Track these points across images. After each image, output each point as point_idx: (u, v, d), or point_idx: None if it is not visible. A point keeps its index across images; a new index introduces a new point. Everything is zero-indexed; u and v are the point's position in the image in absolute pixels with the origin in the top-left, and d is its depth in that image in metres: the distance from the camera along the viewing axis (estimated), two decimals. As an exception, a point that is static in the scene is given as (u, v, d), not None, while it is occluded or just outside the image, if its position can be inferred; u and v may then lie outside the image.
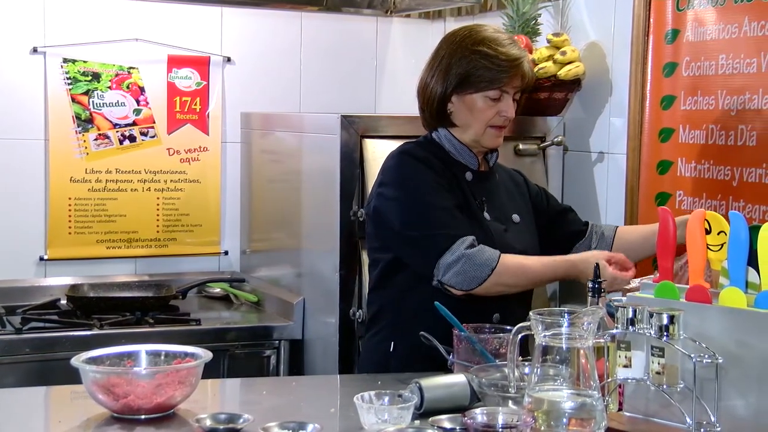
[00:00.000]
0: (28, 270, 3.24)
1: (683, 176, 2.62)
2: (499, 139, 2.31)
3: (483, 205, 2.28)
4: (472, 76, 2.23)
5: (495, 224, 2.27)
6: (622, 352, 1.73)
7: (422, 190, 2.21)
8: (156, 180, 3.37)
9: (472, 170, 2.30)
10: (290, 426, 1.64)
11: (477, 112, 2.26)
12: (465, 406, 1.77)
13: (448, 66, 2.26)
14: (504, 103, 2.25)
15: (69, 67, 3.24)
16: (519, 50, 2.27)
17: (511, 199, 2.38)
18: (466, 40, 2.26)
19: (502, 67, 2.22)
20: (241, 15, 3.48)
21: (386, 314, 2.29)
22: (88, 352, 1.84)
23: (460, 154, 2.30)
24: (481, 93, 2.24)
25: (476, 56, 2.23)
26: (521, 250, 2.26)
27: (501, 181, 2.39)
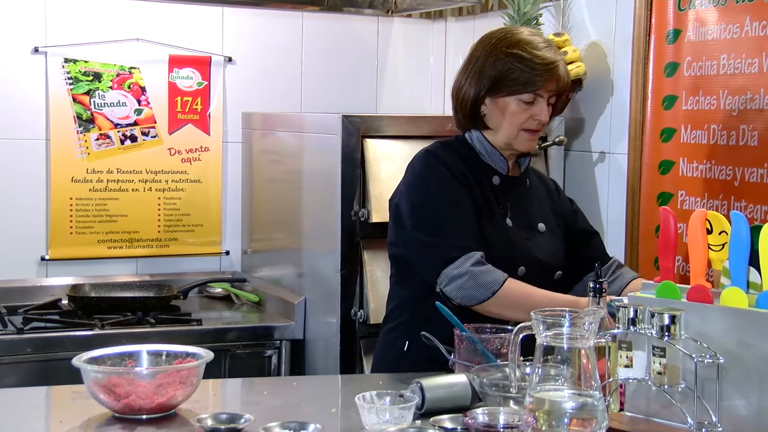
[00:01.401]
0: (29, 270, 3.24)
1: (685, 176, 2.62)
2: (533, 143, 2.27)
3: (507, 211, 2.25)
4: (506, 79, 2.21)
5: (517, 231, 2.24)
6: (623, 352, 1.73)
7: (441, 195, 2.19)
8: (157, 180, 3.38)
9: (500, 174, 2.27)
10: (291, 426, 1.64)
11: (510, 116, 2.22)
12: (466, 406, 1.77)
13: (482, 68, 2.23)
14: (538, 107, 2.22)
15: (70, 67, 3.24)
16: (554, 54, 2.23)
17: (539, 207, 2.34)
18: (501, 42, 2.23)
19: (536, 71, 2.19)
20: (242, 15, 3.48)
21: (403, 313, 2.27)
22: (89, 352, 1.83)
23: (491, 157, 2.27)
24: (514, 96, 2.21)
25: (510, 59, 2.20)
26: (542, 260, 2.24)
27: (532, 188, 2.35)
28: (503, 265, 2.15)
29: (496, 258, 2.16)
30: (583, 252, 2.35)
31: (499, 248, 2.18)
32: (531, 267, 2.22)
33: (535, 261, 2.22)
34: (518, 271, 2.19)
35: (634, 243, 2.77)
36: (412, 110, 3.63)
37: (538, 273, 2.22)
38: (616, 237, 2.86)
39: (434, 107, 3.74)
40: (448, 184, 2.20)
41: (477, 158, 2.27)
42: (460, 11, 3.62)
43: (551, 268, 2.28)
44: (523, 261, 2.20)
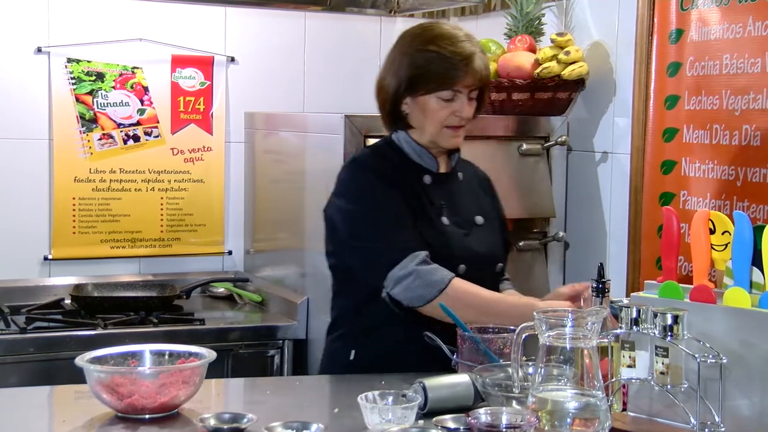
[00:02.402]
0: (32, 270, 3.24)
1: (687, 176, 2.62)
2: (457, 139, 2.23)
3: (441, 210, 2.20)
4: (423, 78, 2.16)
5: (454, 229, 2.20)
6: (626, 352, 1.73)
7: (372, 201, 2.15)
8: (160, 180, 3.38)
9: (431, 173, 2.23)
10: (294, 426, 1.64)
11: (431, 114, 2.18)
12: (469, 406, 1.77)
13: (399, 66, 2.19)
14: (458, 103, 2.17)
15: (73, 66, 3.25)
16: (472, 46, 2.17)
17: (475, 200, 2.31)
18: (416, 39, 2.19)
19: (451, 67, 2.14)
20: (245, 15, 3.48)
21: (345, 322, 2.24)
22: (92, 351, 1.84)
23: (420, 157, 2.23)
24: (433, 94, 2.16)
25: (425, 56, 2.16)
26: (483, 253, 2.21)
27: (466, 181, 2.31)
28: (443, 265, 2.11)
29: (434, 259, 2.12)
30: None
31: (437, 249, 2.13)
32: (472, 263, 2.17)
33: (476, 256, 2.18)
34: (459, 269, 2.14)
35: (636, 243, 2.77)
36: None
37: (479, 268, 2.18)
38: (619, 237, 2.86)
39: (437, 107, 3.74)
40: (377, 189, 2.16)
41: (406, 159, 2.23)
42: (463, 11, 3.62)
43: (492, 261, 2.25)
44: (462, 259, 2.16)
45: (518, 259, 3.00)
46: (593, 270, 2.00)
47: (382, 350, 2.15)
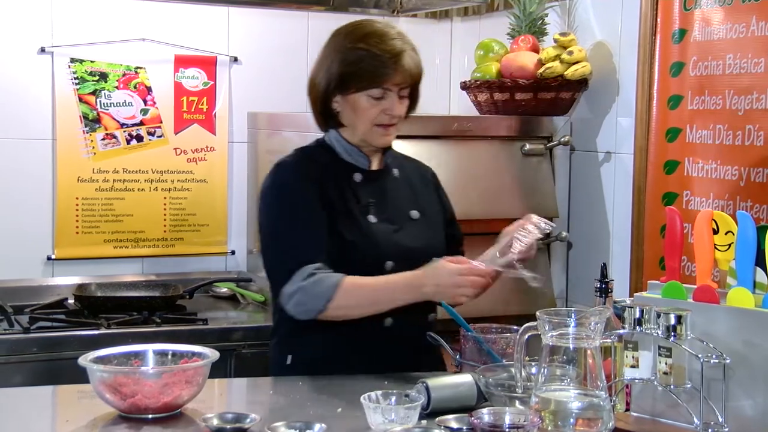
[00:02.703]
0: (35, 269, 3.24)
1: (690, 176, 2.62)
2: (388, 137, 2.21)
3: (369, 208, 2.19)
4: (352, 75, 2.14)
5: (382, 225, 2.18)
6: (629, 352, 1.73)
7: (281, 212, 2.15)
8: (163, 180, 3.38)
9: (362, 171, 2.22)
10: (297, 426, 1.65)
11: (361, 112, 2.16)
12: (472, 406, 1.77)
13: (330, 64, 2.17)
14: (388, 102, 2.15)
15: (76, 66, 3.25)
16: (402, 44, 2.16)
17: (412, 195, 2.28)
18: (347, 37, 2.18)
19: (380, 65, 2.12)
20: (248, 15, 3.48)
21: (281, 327, 2.23)
22: (95, 351, 1.84)
23: (350, 155, 2.22)
24: (363, 92, 2.14)
25: (355, 54, 2.14)
26: (415, 248, 2.17)
27: (403, 177, 2.29)
28: (369, 262, 2.12)
29: (360, 257, 2.13)
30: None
31: (362, 247, 2.14)
32: (400, 259, 2.14)
33: (405, 252, 2.15)
34: (386, 266, 2.13)
35: (639, 243, 2.77)
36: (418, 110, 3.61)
37: (410, 263, 2.13)
38: (622, 237, 2.86)
39: (440, 107, 3.74)
40: (289, 198, 2.16)
41: (337, 159, 2.22)
42: (466, 11, 3.62)
43: (427, 256, 2.17)
44: (389, 255, 2.14)
45: (521, 259, 2.99)
46: (596, 270, 2.00)
47: (316, 355, 2.16)
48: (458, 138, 2.95)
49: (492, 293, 2.92)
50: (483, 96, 3.05)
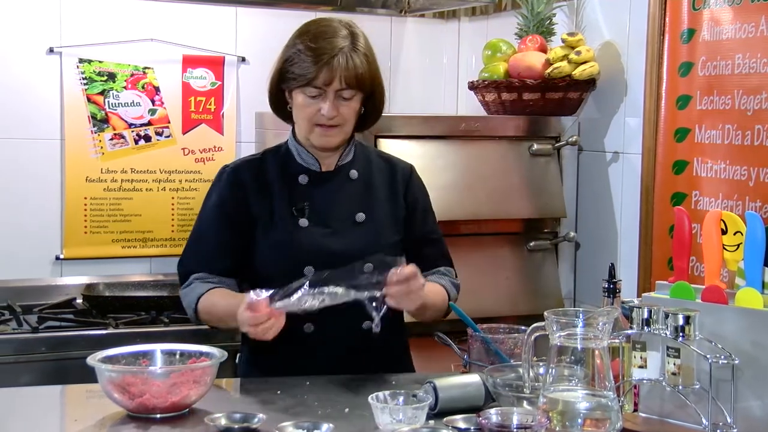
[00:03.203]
0: (44, 269, 3.25)
1: (699, 176, 2.61)
2: (329, 138, 2.14)
3: (304, 211, 2.14)
4: (286, 72, 2.12)
5: (315, 229, 2.13)
6: (637, 352, 1.73)
7: (201, 217, 2.22)
8: (171, 180, 3.38)
9: (310, 172, 2.18)
10: (304, 426, 1.65)
11: (298, 109, 2.13)
12: (480, 406, 1.77)
13: (278, 59, 2.17)
14: (322, 102, 2.08)
15: (85, 67, 3.26)
16: (341, 43, 2.07)
17: (364, 198, 2.19)
18: (295, 32, 2.16)
19: (308, 63, 2.07)
20: (256, 15, 3.48)
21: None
22: (103, 351, 1.84)
23: (300, 156, 2.19)
24: (299, 89, 2.10)
25: (290, 51, 2.12)
26: (344, 252, 2.08)
27: (360, 179, 2.20)
28: (290, 266, 2.08)
29: (282, 260, 2.11)
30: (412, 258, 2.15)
31: (283, 251, 2.12)
32: (323, 263, 2.05)
33: (330, 257, 2.08)
34: (305, 270, 2.07)
35: (647, 243, 2.76)
36: (426, 110, 3.62)
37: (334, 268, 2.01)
38: (630, 237, 2.86)
39: (447, 107, 3.74)
40: (203, 208, 2.23)
41: (289, 158, 2.19)
42: (474, 11, 3.62)
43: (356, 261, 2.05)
44: (311, 260, 2.09)
45: (529, 259, 3.00)
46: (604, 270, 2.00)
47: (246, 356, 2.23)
48: (466, 138, 2.94)
49: (500, 293, 2.94)
50: (491, 96, 3.05)
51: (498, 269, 2.95)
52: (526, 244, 3.00)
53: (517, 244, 2.99)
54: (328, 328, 2.09)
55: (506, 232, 3.01)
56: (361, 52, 2.10)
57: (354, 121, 2.16)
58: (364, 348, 2.09)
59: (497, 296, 2.92)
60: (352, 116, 2.14)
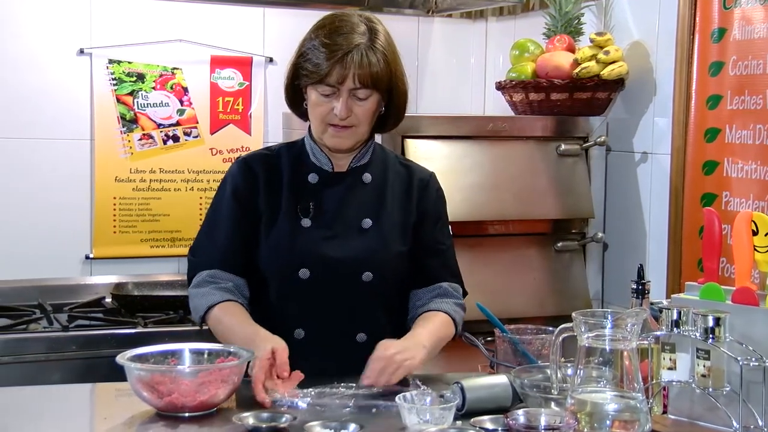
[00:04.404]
0: (74, 268, 3.28)
1: (730, 177, 2.59)
2: (342, 140, 2.05)
3: (308, 211, 2.07)
4: (299, 68, 2.04)
5: (316, 231, 2.06)
6: (666, 354, 1.72)
7: (215, 207, 2.16)
8: (199, 180, 3.40)
9: (322, 171, 2.11)
10: (332, 425, 1.65)
11: (311, 107, 2.05)
12: (507, 407, 1.77)
13: (294, 53, 2.08)
14: (335, 100, 2.00)
15: (114, 68, 3.28)
16: (356, 40, 1.98)
17: (374, 204, 2.11)
18: (313, 26, 2.07)
19: (321, 60, 1.98)
20: (283, 15, 3.49)
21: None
22: (132, 349, 1.85)
23: (314, 155, 2.12)
24: (312, 86, 2.02)
25: (305, 46, 2.04)
26: (342, 258, 2.04)
27: (374, 183, 2.12)
28: (285, 266, 2.06)
29: (279, 259, 2.07)
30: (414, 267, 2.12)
31: (280, 250, 2.06)
32: (319, 268, 2.04)
33: (326, 261, 2.03)
34: (300, 273, 2.04)
35: (677, 244, 2.74)
36: (453, 110, 3.62)
37: (331, 274, 2.04)
38: (659, 238, 2.84)
39: (474, 107, 3.73)
40: (216, 200, 2.15)
41: (303, 156, 2.13)
42: (501, 11, 3.61)
43: (355, 269, 2.05)
44: (307, 263, 2.04)
45: (556, 259, 2.99)
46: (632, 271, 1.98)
47: None
48: (493, 138, 2.94)
49: (527, 294, 2.93)
50: (518, 96, 3.04)
51: (525, 270, 2.94)
52: (553, 244, 2.98)
53: (545, 244, 2.98)
54: (320, 336, 2.05)
55: (534, 233, 3.00)
56: (378, 49, 2.00)
57: (370, 122, 2.06)
58: (356, 358, 1.95)
59: (525, 297, 2.91)
60: (367, 117, 2.04)
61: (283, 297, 2.08)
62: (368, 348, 1.96)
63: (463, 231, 2.72)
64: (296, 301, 2.07)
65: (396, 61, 2.06)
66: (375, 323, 2.08)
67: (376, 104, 2.05)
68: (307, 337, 2.05)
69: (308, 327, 2.06)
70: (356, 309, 2.07)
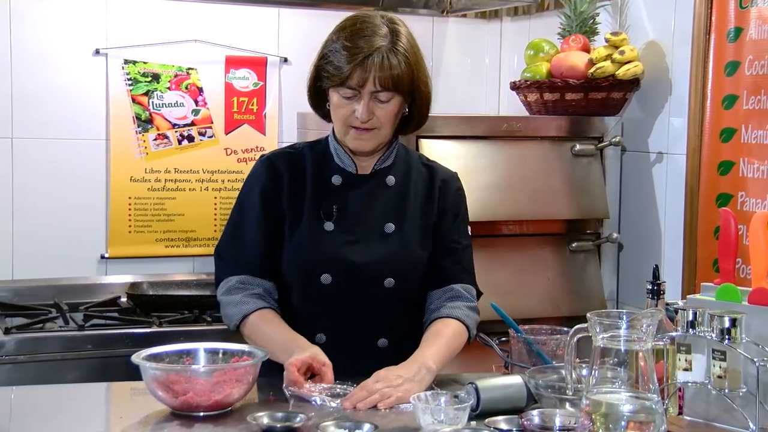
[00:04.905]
0: (89, 268, 3.29)
1: (745, 177, 2.58)
2: (363, 142, 2.04)
3: (332, 215, 2.06)
4: (321, 69, 2.04)
5: (337, 235, 2.05)
6: (682, 355, 1.71)
7: (240, 206, 2.13)
8: (213, 180, 3.41)
9: (345, 173, 2.10)
10: (346, 425, 1.65)
11: (333, 109, 2.04)
12: (521, 407, 1.76)
13: (317, 55, 2.08)
14: (356, 103, 1.99)
15: (130, 68, 3.30)
16: (377, 42, 1.97)
17: (397, 207, 2.10)
18: (336, 27, 2.06)
19: (342, 62, 1.97)
20: (298, 16, 3.50)
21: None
22: (147, 349, 1.86)
23: (338, 156, 2.10)
24: (334, 88, 2.01)
25: (327, 48, 2.03)
26: (365, 263, 2.03)
27: (397, 186, 2.11)
28: (307, 271, 2.05)
29: (301, 263, 2.06)
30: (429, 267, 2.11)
31: (304, 254, 2.05)
32: (341, 273, 2.04)
33: (348, 266, 2.03)
34: (322, 278, 2.04)
35: (692, 245, 2.73)
36: (467, 110, 3.61)
37: (353, 280, 2.04)
38: (674, 238, 2.83)
39: (489, 107, 3.73)
40: (240, 200, 2.13)
41: (327, 156, 2.12)
42: (516, 11, 3.60)
43: (377, 275, 2.05)
44: (329, 267, 2.04)
45: (571, 260, 2.98)
46: (647, 272, 1.98)
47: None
48: (508, 138, 2.93)
49: (541, 294, 2.92)
50: (533, 96, 3.04)
51: (540, 270, 2.93)
52: (568, 245, 2.98)
53: (560, 244, 2.98)
54: (341, 340, 2.04)
55: (548, 233, 2.99)
56: (400, 52, 1.99)
57: (392, 124, 2.05)
58: (377, 364, 1.93)
59: (539, 297, 2.91)
60: (389, 119, 2.03)
61: (305, 301, 2.08)
62: (389, 353, 1.97)
63: (478, 231, 2.70)
64: (317, 306, 2.07)
65: (418, 62, 2.05)
66: (396, 328, 2.08)
67: (398, 106, 2.04)
68: (328, 342, 2.04)
69: (329, 331, 2.06)
70: (377, 314, 2.07)
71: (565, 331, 1.92)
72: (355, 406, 1.80)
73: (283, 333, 2.01)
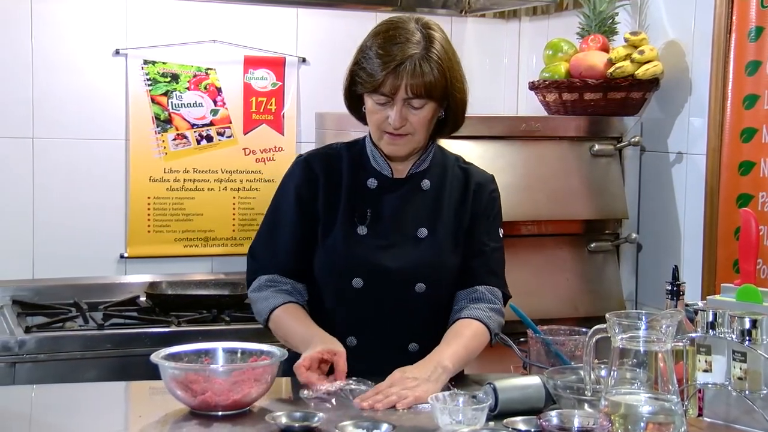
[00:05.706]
0: (109, 268, 3.31)
1: (766, 177, 2.56)
2: (397, 147, 2.05)
3: (365, 218, 2.07)
4: (355, 75, 2.05)
5: (370, 239, 2.06)
6: (701, 356, 1.70)
7: (276, 207, 2.15)
8: (232, 180, 3.42)
9: (381, 176, 2.11)
10: (364, 425, 1.65)
11: (368, 114, 2.06)
12: (540, 408, 1.76)
13: (352, 60, 2.09)
14: (390, 109, 2.00)
15: (149, 68, 3.31)
16: (410, 50, 1.97)
17: (432, 212, 2.10)
18: (371, 31, 2.07)
19: (374, 69, 1.98)
20: (317, 16, 3.50)
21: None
22: (166, 348, 1.87)
23: (374, 159, 2.11)
24: (368, 94, 2.03)
25: (362, 54, 2.04)
26: (397, 269, 2.04)
27: (432, 191, 2.11)
28: (340, 274, 2.06)
29: (333, 267, 2.07)
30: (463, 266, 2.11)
31: (337, 257, 2.06)
32: (373, 278, 2.05)
33: (380, 271, 2.04)
34: (353, 282, 2.05)
35: (712, 245, 2.71)
36: (486, 110, 3.60)
37: (384, 284, 2.05)
38: (694, 239, 2.81)
39: (507, 107, 3.72)
40: (275, 200, 2.15)
41: (364, 159, 2.13)
42: (534, 11, 3.59)
43: (408, 280, 2.06)
44: (361, 272, 2.04)
45: (590, 260, 2.97)
46: (667, 272, 1.97)
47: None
48: (526, 138, 2.93)
49: (560, 295, 2.91)
50: (551, 96, 3.03)
51: (558, 270, 2.92)
52: (587, 245, 2.97)
53: (578, 245, 2.97)
54: (372, 344, 2.06)
55: (567, 233, 2.98)
56: (433, 59, 1.98)
57: (426, 129, 2.05)
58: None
59: (557, 298, 2.90)
60: (423, 125, 2.03)
61: (336, 304, 2.09)
62: (420, 357, 1.96)
63: (496, 231, 2.71)
64: (349, 309, 2.08)
65: (453, 68, 2.04)
66: (427, 333, 2.08)
67: (432, 112, 2.04)
68: (359, 345, 2.06)
69: (360, 335, 2.07)
70: (409, 319, 2.08)
71: (584, 332, 1.92)
72: (373, 407, 1.80)
73: (306, 326, 2.03)
